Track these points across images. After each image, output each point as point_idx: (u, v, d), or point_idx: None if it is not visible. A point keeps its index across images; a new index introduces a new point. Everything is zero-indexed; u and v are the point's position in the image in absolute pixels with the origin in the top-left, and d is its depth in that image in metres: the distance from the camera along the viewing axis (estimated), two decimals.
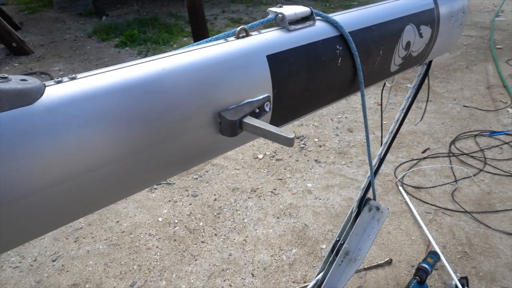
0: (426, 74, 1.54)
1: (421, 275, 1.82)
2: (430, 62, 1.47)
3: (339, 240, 1.62)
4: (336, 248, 1.61)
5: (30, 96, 0.53)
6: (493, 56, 5.13)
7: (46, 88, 0.55)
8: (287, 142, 0.69)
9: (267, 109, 0.78)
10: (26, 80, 0.55)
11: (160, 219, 2.52)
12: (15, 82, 0.53)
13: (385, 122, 3.42)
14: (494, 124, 3.53)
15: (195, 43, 0.76)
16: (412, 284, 1.84)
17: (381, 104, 1.77)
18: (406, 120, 1.59)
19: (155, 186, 2.83)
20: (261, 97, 0.76)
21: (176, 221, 2.50)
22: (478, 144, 3.22)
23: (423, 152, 3.17)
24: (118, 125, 0.59)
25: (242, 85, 0.74)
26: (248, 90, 0.75)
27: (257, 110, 0.76)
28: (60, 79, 0.58)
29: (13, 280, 2.11)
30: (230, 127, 0.70)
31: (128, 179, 0.65)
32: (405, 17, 1.10)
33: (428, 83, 1.56)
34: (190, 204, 2.65)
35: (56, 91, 0.56)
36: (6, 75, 0.53)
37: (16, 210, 0.52)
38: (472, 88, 4.31)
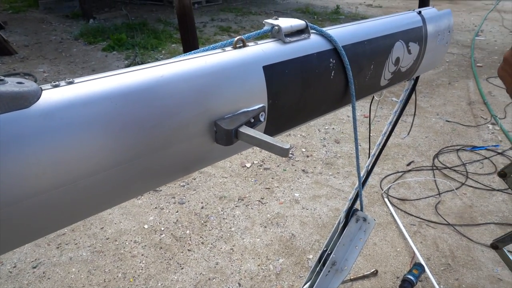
0: (413, 89, 1.58)
1: (406, 286, 1.84)
2: (417, 77, 1.52)
3: (326, 250, 1.63)
4: (324, 258, 1.62)
5: (26, 100, 0.52)
6: (474, 74, 5.29)
7: (43, 92, 0.55)
8: (282, 152, 0.70)
9: (261, 119, 0.79)
10: (23, 83, 0.54)
11: (146, 226, 2.49)
12: (12, 84, 0.53)
13: (372, 134, 3.47)
14: (475, 139, 3.63)
15: (193, 51, 0.76)
16: None
17: (369, 117, 1.81)
18: (392, 134, 1.62)
19: None
20: (256, 107, 0.77)
21: (163, 229, 2.47)
22: (460, 158, 3.30)
23: (408, 164, 3.23)
24: (115, 131, 0.58)
25: (238, 94, 0.75)
26: (244, 100, 0.76)
27: (252, 120, 0.77)
28: (57, 83, 0.58)
29: None
30: (226, 136, 0.71)
31: (123, 186, 0.65)
32: (395, 33, 1.13)
33: (415, 98, 1.60)
34: (177, 212, 2.63)
35: (52, 95, 0.55)
36: (2, 77, 0.53)
37: (7, 215, 0.51)
38: (454, 104, 4.43)
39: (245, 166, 3.17)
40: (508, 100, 4.46)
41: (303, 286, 1.67)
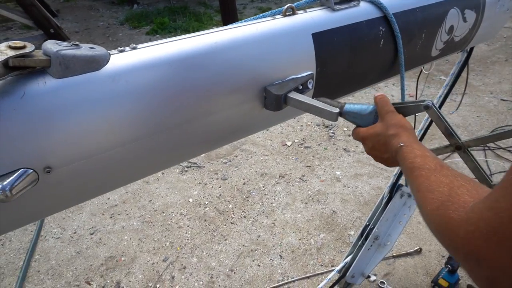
0: (466, 61, 1.50)
1: (453, 263, 1.80)
2: (471, 49, 1.44)
3: (368, 225, 1.63)
4: (366, 233, 1.62)
5: (98, 63, 0.57)
6: None
7: (111, 56, 0.60)
8: (331, 116, 0.71)
9: (309, 86, 0.81)
10: (94, 48, 0.59)
11: (191, 200, 2.61)
12: (86, 49, 0.58)
13: (417, 114, 3.34)
14: None
15: (244, 20, 0.79)
16: (443, 273, 1.83)
17: (416, 94, 1.74)
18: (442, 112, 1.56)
19: (186, 169, 2.92)
20: (305, 74, 0.79)
21: (206, 202, 2.58)
22: None
23: None
24: (173, 94, 0.62)
25: (288, 61, 0.76)
26: (293, 67, 0.77)
27: (300, 87, 0.79)
28: (122, 48, 0.63)
29: (55, 250, 2.26)
30: (276, 101, 0.73)
31: (177, 148, 0.70)
32: (450, 0, 1.08)
33: (467, 71, 1.53)
34: (220, 187, 2.72)
35: (119, 60, 0.60)
36: (77, 43, 0.58)
37: (83, 167, 0.57)
38: (511, 82, 4.13)
39: (286, 144, 3.19)
40: None
41: (344, 259, 1.69)
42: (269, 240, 2.24)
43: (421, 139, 1.56)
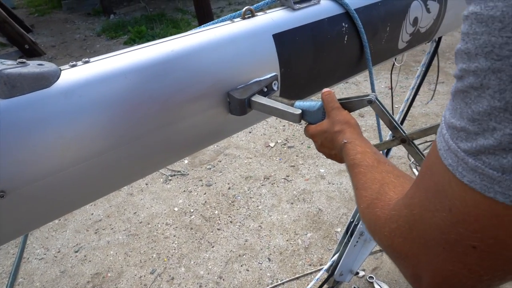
0: (435, 51, 1.52)
1: None
2: (439, 39, 1.46)
3: (353, 221, 1.64)
4: (351, 229, 1.63)
5: (47, 80, 0.55)
6: None
7: (62, 71, 0.58)
8: (294, 118, 0.70)
9: (275, 88, 0.80)
10: (43, 65, 0.57)
11: (176, 209, 2.57)
12: (33, 66, 0.56)
13: (396, 106, 3.38)
14: None
15: (202, 25, 0.77)
16: None
17: (392, 87, 1.76)
18: (418, 103, 1.58)
19: (170, 178, 2.88)
20: (268, 76, 0.78)
21: (192, 210, 2.55)
22: None
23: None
24: (130, 106, 0.61)
25: (250, 64, 0.75)
26: (255, 70, 0.76)
27: (265, 89, 0.78)
28: (74, 63, 0.61)
29: (39, 271, 2.20)
30: (240, 106, 0.72)
31: (142, 160, 0.68)
32: None
33: (438, 61, 1.55)
34: (205, 194, 2.69)
35: (71, 75, 0.58)
36: (24, 60, 0.56)
37: (35, 191, 0.55)
38: None
39: (269, 145, 3.18)
40: None
41: (331, 257, 1.69)
42: (257, 244, 2.23)
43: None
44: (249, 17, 0.79)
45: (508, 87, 0.26)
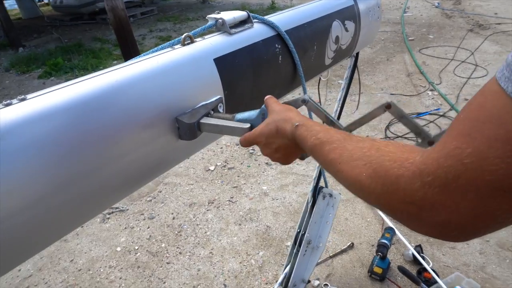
0: (355, 65, 1.67)
1: (382, 250, 1.94)
2: (357, 54, 1.61)
3: (299, 231, 1.69)
4: (298, 240, 1.67)
5: None
6: (408, 48, 5.65)
7: None
8: (244, 132, 0.72)
9: (220, 110, 0.81)
10: None
11: (118, 249, 2.41)
12: None
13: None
14: (419, 106, 3.89)
15: (143, 54, 0.77)
16: (376, 261, 1.96)
17: (319, 100, 1.88)
18: (343, 114, 1.71)
19: (108, 216, 2.70)
20: (214, 99, 0.79)
21: (137, 247, 2.40)
22: None
23: None
24: (73, 144, 0.57)
25: (195, 88, 0.76)
26: (201, 93, 0.77)
27: (212, 112, 0.79)
28: (9, 101, 0.56)
29: None
30: (189, 130, 0.72)
31: (92, 198, 0.64)
32: (331, 14, 1.19)
33: (358, 73, 1.70)
34: (148, 227, 2.57)
35: (5, 115, 0.54)
36: None
37: None
38: (395, 77, 4.70)
39: (209, 169, 3.16)
40: (440, 67, 4.81)
41: (283, 270, 1.71)
42: (210, 271, 2.17)
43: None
44: (188, 43, 0.80)
45: None
